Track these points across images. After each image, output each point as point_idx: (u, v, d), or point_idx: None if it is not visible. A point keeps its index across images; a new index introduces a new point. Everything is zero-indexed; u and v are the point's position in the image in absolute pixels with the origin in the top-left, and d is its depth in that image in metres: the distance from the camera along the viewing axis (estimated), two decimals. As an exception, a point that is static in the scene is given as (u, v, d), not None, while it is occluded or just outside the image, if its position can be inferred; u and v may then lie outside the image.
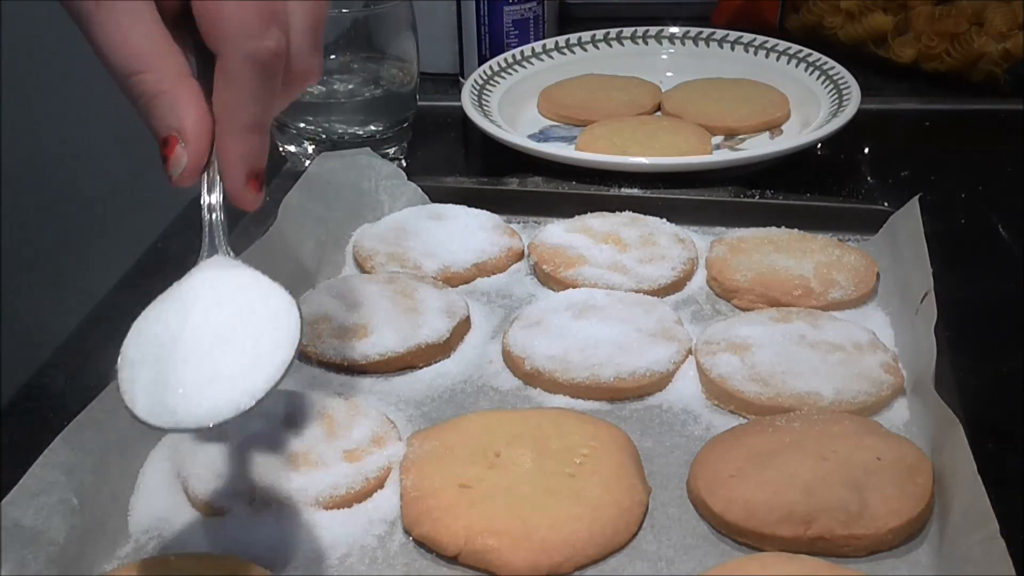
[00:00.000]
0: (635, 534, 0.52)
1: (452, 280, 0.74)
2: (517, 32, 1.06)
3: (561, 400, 0.62)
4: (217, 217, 0.47)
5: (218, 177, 0.46)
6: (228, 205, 0.48)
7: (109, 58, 0.44)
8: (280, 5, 0.45)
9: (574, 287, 0.71)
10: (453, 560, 0.51)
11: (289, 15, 0.45)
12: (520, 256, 0.78)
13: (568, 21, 1.23)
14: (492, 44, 1.06)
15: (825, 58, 1.00)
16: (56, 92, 1.53)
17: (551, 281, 0.74)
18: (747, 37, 1.07)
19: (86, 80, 1.54)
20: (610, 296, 0.69)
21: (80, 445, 0.52)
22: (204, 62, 0.46)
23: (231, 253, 0.47)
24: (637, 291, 0.71)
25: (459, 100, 0.96)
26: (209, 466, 0.55)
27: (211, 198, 0.47)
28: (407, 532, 0.53)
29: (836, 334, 0.64)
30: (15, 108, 1.39)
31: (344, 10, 0.89)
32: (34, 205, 1.53)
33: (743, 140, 0.95)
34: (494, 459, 0.55)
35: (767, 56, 1.05)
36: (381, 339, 0.65)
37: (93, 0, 0.43)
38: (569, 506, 0.52)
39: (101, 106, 1.56)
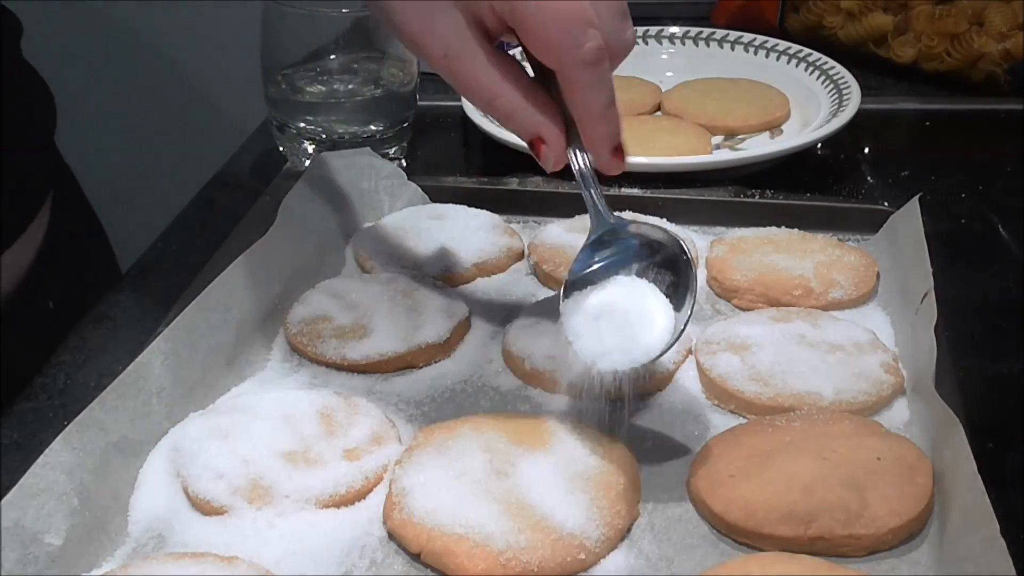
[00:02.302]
0: (603, 557, 0.51)
1: (452, 280, 0.74)
2: (517, 32, 1.06)
3: (561, 400, 0.62)
4: (597, 190, 0.57)
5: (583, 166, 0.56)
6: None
7: (468, 95, 0.55)
8: (584, 13, 0.52)
9: (574, 287, 0.71)
10: (417, 556, 0.51)
11: (595, 8, 0.52)
12: (520, 256, 0.77)
13: (568, 21, 1.23)
14: (492, 44, 1.05)
15: (825, 58, 1.00)
16: (57, 92, 1.53)
17: (551, 281, 0.73)
18: (747, 37, 1.07)
19: (87, 80, 1.55)
20: (610, 296, 0.69)
21: (80, 445, 0.52)
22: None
23: (612, 215, 0.57)
24: (637, 291, 0.71)
25: (459, 100, 0.96)
26: (209, 466, 0.55)
27: (583, 168, 0.56)
28: (384, 524, 0.53)
29: (836, 334, 0.64)
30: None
31: (344, 10, 0.88)
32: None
33: (743, 140, 0.95)
34: (489, 463, 0.54)
35: (767, 56, 1.05)
36: (381, 339, 0.65)
37: (442, 57, 0.54)
38: (538, 521, 0.51)
39: (102, 107, 1.57)
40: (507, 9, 0.52)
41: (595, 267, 0.57)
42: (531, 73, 0.56)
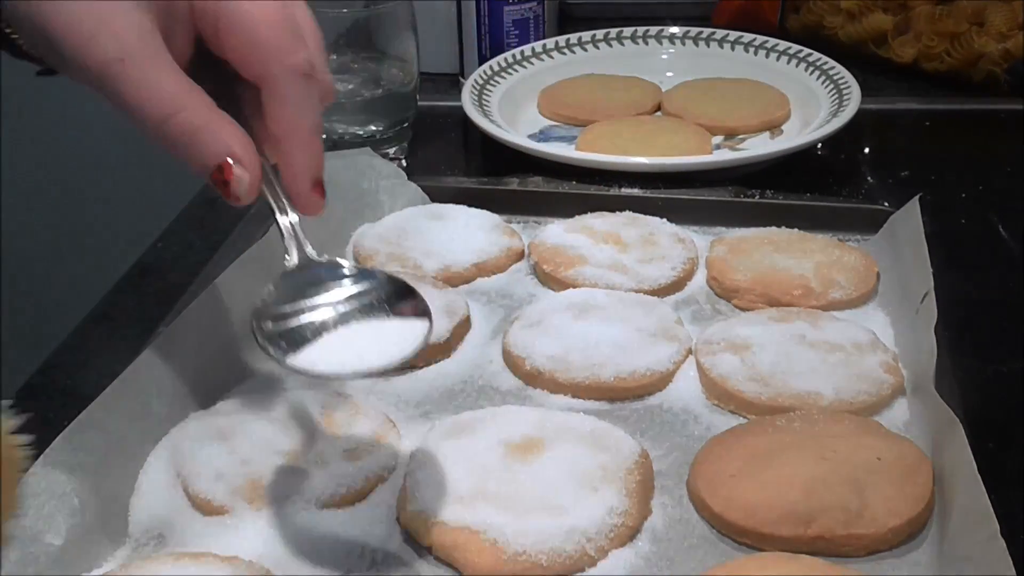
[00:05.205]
0: (607, 553, 0.51)
1: (452, 280, 0.74)
2: (517, 32, 1.06)
3: (562, 400, 0.62)
4: (297, 225, 0.51)
5: (278, 191, 0.50)
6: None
7: (143, 108, 0.46)
8: (295, 24, 0.49)
9: (574, 287, 0.71)
10: (428, 549, 0.51)
11: (304, 35, 0.49)
12: (520, 256, 0.77)
13: (568, 21, 1.23)
14: (492, 44, 1.06)
15: (825, 58, 1.00)
16: (57, 92, 1.53)
17: (551, 281, 0.74)
18: (747, 37, 1.07)
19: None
20: (610, 296, 0.69)
21: (81, 445, 0.52)
22: (218, 98, 0.49)
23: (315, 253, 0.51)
24: (637, 291, 0.71)
25: (459, 100, 0.96)
26: (209, 466, 0.55)
27: (285, 215, 0.51)
28: (397, 518, 0.53)
29: (836, 334, 0.64)
30: (16, 108, 1.39)
31: (344, 10, 0.89)
32: (35, 205, 1.53)
33: (743, 140, 0.95)
34: (503, 458, 0.54)
35: (767, 56, 1.05)
36: (381, 339, 0.65)
37: (117, 61, 0.46)
38: (550, 517, 0.51)
39: (102, 106, 1.57)
40: (213, 9, 0.48)
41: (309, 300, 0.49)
42: None
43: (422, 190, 0.83)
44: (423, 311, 0.48)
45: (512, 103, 1.00)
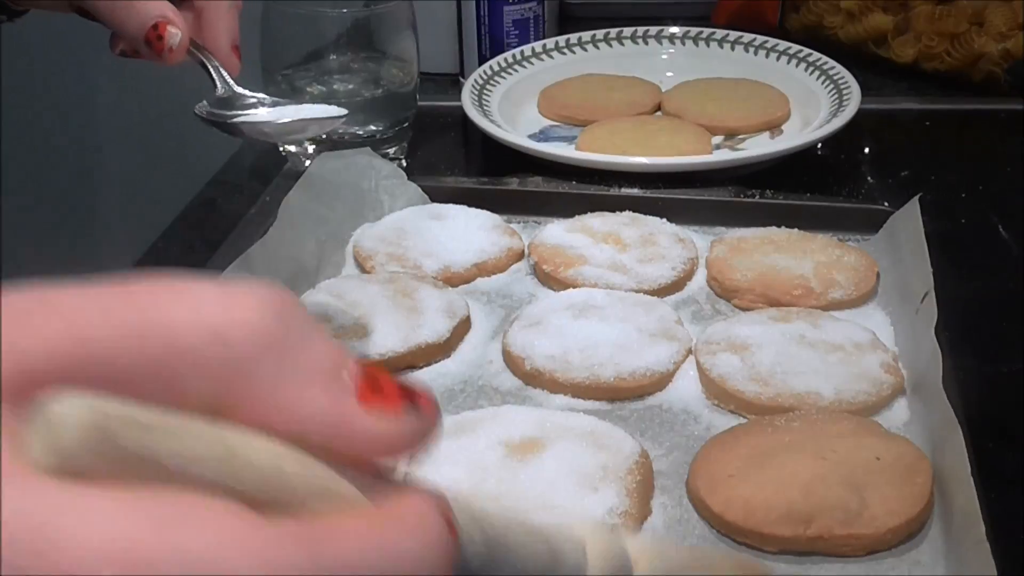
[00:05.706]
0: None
1: (452, 280, 0.74)
2: (517, 32, 1.06)
3: (562, 400, 0.62)
4: (222, 69, 0.60)
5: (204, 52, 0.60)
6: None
7: None
8: None
9: (574, 287, 0.71)
10: None
11: None
12: (520, 256, 0.78)
13: (568, 21, 1.23)
14: (492, 44, 1.06)
15: (825, 58, 1.00)
16: (58, 92, 1.53)
17: (551, 281, 0.74)
18: (747, 37, 1.07)
19: (87, 80, 1.55)
20: (610, 296, 0.69)
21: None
22: None
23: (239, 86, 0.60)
24: (637, 291, 0.71)
25: (459, 100, 0.96)
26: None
27: (211, 64, 0.59)
28: None
29: (836, 334, 0.64)
30: (17, 107, 1.39)
31: (344, 10, 0.89)
32: (35, 205, 1.53)
33: (743, 140, 0.95)
34: (505, 457, 0.54)
35: (767, 56, 1.05)
36: (381, 339, 0.65)
37: None
38: (550, 519, 0.51)
39: (102, 107, 1.57)
40: None
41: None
42: None
43: (422, 190, 0.83)
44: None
45: (512, 103, 1.00)
